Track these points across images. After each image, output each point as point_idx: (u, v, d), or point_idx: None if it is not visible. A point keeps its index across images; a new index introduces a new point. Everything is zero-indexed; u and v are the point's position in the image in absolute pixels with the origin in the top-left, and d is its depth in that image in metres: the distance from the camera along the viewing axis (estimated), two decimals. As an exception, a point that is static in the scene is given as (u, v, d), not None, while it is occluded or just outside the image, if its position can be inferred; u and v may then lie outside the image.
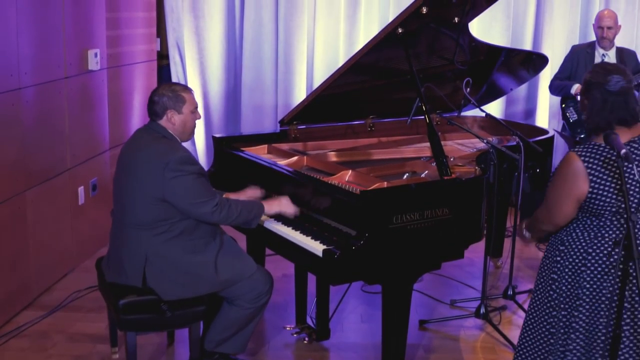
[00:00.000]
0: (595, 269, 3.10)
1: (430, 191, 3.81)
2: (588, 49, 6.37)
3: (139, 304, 3.83)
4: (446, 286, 5.63)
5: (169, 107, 3.86)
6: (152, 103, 3.89)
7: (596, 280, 3.10)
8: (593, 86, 3.09)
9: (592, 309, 3.13)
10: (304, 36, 7.24)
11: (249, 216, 3.93)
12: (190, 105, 3.93)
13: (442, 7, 4.28)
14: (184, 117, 3.91)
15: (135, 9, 6.59)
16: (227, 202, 3.87)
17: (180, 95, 3.90)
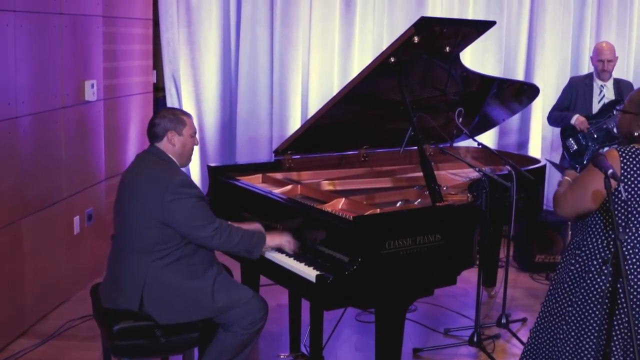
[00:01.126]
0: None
1: (423, 217, 3.86)
2: (586, 80, 6.44)
3: (134, 329, 3.83)
4: (440, 316, 5.65)
5: (170, 128, 3.92)
6: (153, 125, 3.95)
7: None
8: None
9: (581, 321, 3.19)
10: (298, 69, 7.32)
11: (250, 243, 3.94)
12: (190, 129, 3.99)
13: (433, 37, 4.33)
14: (184, 139, 3.97)
15: (132, 42, 6.66)
16: (228, 227, 3.90)
17: (181, 118, 3.97)
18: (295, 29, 7.26)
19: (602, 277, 3.14)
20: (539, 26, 7.50)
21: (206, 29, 7.28)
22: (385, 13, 7.35)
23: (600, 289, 3.15)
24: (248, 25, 7.28)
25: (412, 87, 4.75)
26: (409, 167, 5.28)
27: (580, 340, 3.22)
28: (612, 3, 7.52)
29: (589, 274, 3.20)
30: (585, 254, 3.27)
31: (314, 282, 3.63)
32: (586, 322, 3.19)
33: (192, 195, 3.82)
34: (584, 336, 3.20)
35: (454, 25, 4.53)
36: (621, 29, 7.53)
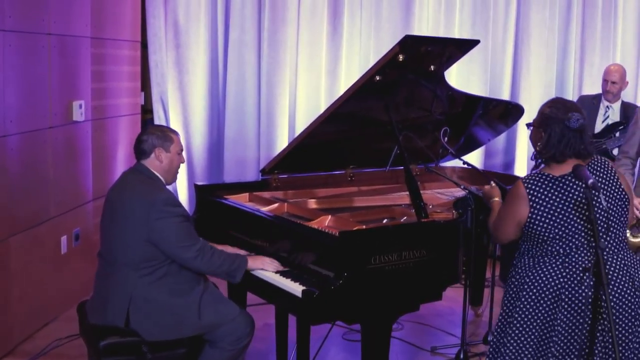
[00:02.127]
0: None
1: (408, 233, 3.89)
2: (594, 100, 6.51)
3: (120, 345, 3.85)
4: (427, 334, 5.67)
5: (157, 145, 3.96)
6: (140, 142, 3.99)
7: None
8: (553, 121, 3.27)
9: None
10: (286, 91, 7.37)
11: (231, 267, 3.96)
12: (177, 147, 4.03)
13: (418, 55, 4.37)
14: (171, 156, 4.00)
15: (120, 63, 6.70)
16: (211, 250, 3.92)
17: (169, 135, 4.02)
18: (283, 51, 7.32)
19: (583, 286, 3.17)
20: (523, 49, 7.60)
21: (194, 52, 7.32)
22: (371, 35, 7.42)
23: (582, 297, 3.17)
24: (236, 48, 7.33)
25: (398, 107, 4.77)
26: (395, 187, 5.31)
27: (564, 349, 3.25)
28: (596, 26, 7.61)
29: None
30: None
31: (300, 297, 3.65)
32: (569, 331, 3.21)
33: (177, 215, 3.85)
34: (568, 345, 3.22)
35: (438, 43, 4.58)
36: (605, 51, 7.62)
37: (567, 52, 7.69)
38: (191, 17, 7.26)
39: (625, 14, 7.73)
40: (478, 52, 7.39)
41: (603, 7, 7.64)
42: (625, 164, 4.77)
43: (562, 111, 3.27)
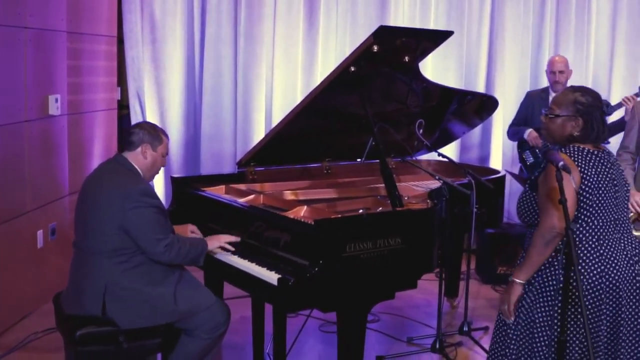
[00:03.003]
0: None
1: (383, 221, 3.93)
2: (542, 94, 6.58)
3: (96, 334, 3.85)
4: (403, 325, 5.71)
5: (147, 141, 3.99)
6: (131, 133, 4.02)
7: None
8: (594, 108, 3.36)
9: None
10: (262, 86, 7.39)
11: (195, 253, 4.00)
12: (163, 149, 4.08)
13: (392, 46, 4.40)
14: (157, 156, 4.04)
15: (96, 58, 6.69)
16: (178, 243, 3.94)
17: (160, 136, 4.07)
18: (259, 46, 7.34)
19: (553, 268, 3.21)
20: (498, 44, 7.66)
21: (171, 47, 7.32)
22: (347, 31, 7.46)
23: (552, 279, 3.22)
24: (212, 43, 7.34)
25: (373, 100, 4.80)
26: (371, 179, 5.35)
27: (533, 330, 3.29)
28: (570, 21, 7.69)
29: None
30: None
31: (275, 285, 3.68)
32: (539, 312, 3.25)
33: (152, 205, 3.87)
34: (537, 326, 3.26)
35: (412, 34, 4.61)
36: (579, 45, 7.70)
37: (541, 47, 7.76)
38: (167, 13, 7.26)
39: (599, 9, 7.81)
40: (453, 47, 7.47)
41: (577, 3, 7.72)
42: (626, 159, 4.82)
43: (597, 99, 3.39)
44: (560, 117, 3.38)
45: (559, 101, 3.41)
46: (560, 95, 3.46)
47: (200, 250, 4.02)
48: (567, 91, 3.46)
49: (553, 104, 3.44)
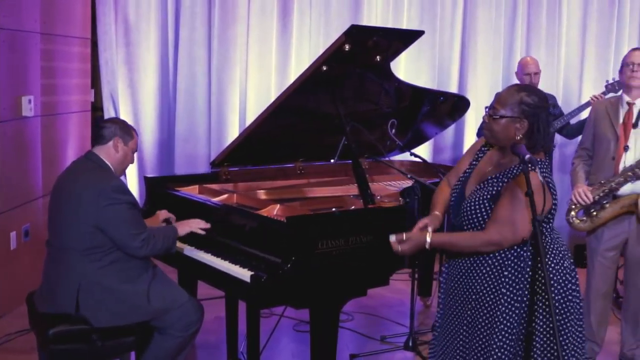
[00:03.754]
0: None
1: (355, 218, 3.96)
2: None
3: (70, 333, 3.86)
4: (377, 324, 5.75)
5: (119, 135, 4.02)
6: (102, 127, 4.05)
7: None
8: (540, 109, 3.21)
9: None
10: (236, 88, 7.41)
11: (168, 242, 4.05)
12: (134, 145, 4.12)
13: (364, 45, 4.43)
14: (127, 150, 4.07)
15: (70, 60, 6.70)
16: (153, 237, 3.97)
17: (130, 131, 4.11)
18: (233, 49, 7.37)
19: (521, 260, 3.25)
20: (470, 46, 7.73)
21: (144, 50, 7.34)
22: (321, 33, 7.50)
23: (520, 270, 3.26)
24: (186, 45, 7.36)
25: (345, 100, 4.82)
26: (345, 179, 5.39)
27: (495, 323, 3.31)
28: (541, 24, 7.78)
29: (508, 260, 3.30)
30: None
31: (248, 282, 3.71)
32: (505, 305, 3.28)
33: (126, 202, 3.89)
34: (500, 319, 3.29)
35: (383, 33, 4.63)
36: (550, 48, 7.79)
37: (513, 49, 7.85)
38: (141, 15, 7.28)
39: (570, 12, 7.91)
40: (426, 49, 7.54)
41: (548, 6, 7.81)
42: (580, 155, 4.89)
43: (543, 99, 3.25)
44: (504, 117, 3.21)
45: (504, 101, 3.23)
46: (504, 94, 3.28)
47: (172, 238, 4.08)
48: (513, 90, 3.27)
49: (497, 104, 3.25)
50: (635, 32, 8.14)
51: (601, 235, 4.80)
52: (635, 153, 4.68)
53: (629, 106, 4.74)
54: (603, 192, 4.67)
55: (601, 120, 4.80)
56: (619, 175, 4.65)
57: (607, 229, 4.78)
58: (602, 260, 4.83)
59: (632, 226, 4.75)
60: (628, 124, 4.71)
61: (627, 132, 4.70)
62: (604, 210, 4.71)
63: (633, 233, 4.76)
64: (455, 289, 3.43)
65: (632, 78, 4.71)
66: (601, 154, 4.76)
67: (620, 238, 4.79)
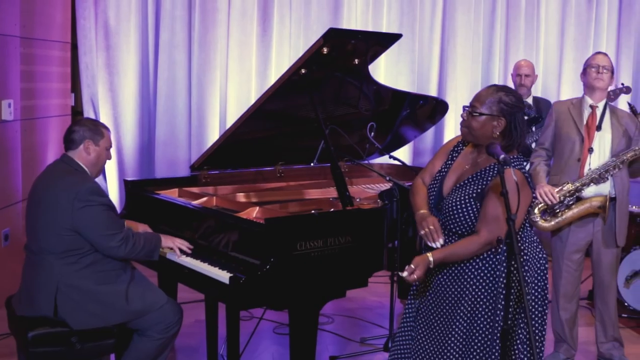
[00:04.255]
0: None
1: (333, 220, 3.99)
2: None
3: (49, 336, 3.86)
4: (357, 327, 5.77)
5: (88, 137, 4.01)
6: (71, 132, 4.03)
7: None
8: (517, 109, 3.32)
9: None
10: (216, 91, 7.44)
11: (150, 247, 4.05)
12: (106, 142, 4.09)
13: (342, 48, 4.47)
14: (100, 150, 4.05)
15: (50, 64, 6.69)
16: (133, 237, 3.97)
17: (100, 130, 4.08)
18: (213, 53, 7.39)
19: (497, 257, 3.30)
20: (449, 50, 7.79)
21: (125, 53, 7.34)
22: (301, 37, 7.53)
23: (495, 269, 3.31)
24: (166, 49, 7.37)
25: (324, 103, 4.86)
26: (324, 182, 5.41)
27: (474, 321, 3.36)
28: (519, 27, 7.86)
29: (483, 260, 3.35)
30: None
31: (227, 283, 3.72)
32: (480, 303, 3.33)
33: (101, 203, 3.90)
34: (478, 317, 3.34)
35: (361, 36, 4.66)
36: (528, 51, 7.86)
37: (491, 53, 7.92)
38: (121, 19, 7.28)
39: (548, 17, 8.00)
40: (405, 53, 7.58)
41: (526, 10, 7.89)
42: (540, 155, 4.94)
43: (520, 100, 3.36)
44: (483, 115, 3.31)
45: (483, 99, 3.33)
46: (484, 92, 3.38)
47: (154, 244, 4.07)
48: (492, 90, 3.37)
49: (476, 101, 3.36)
50: (612, 36, 8.24)
51: (566, 239, 4.85)
52: (600, 155, 4.75)
53: (592, 109, 4.80)
54: (569, 193, 4.72)
55: (564, 121, 4.85)
56: (585, 177, 4.70)
57: (571, 232, 4.84)
58: (569, 264, 4.88)
59: (597, 228, 4.81)
60: (592, 126, 4.78)
61: (591, 134, 4.77)
62: (569, 211, 4.75)
63: (598, 235, 4.82)
64: (440, 294, 3.47)
65: (597, 80, 4.76)
66: (565, 155, 4.81)
67: (585, 240, 4.85)
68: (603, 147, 4.77)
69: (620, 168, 4.71)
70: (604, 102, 4.83)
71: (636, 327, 5.83)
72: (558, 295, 4.96)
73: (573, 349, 5.04)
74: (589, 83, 4.82)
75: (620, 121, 4.81)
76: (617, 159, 4.70)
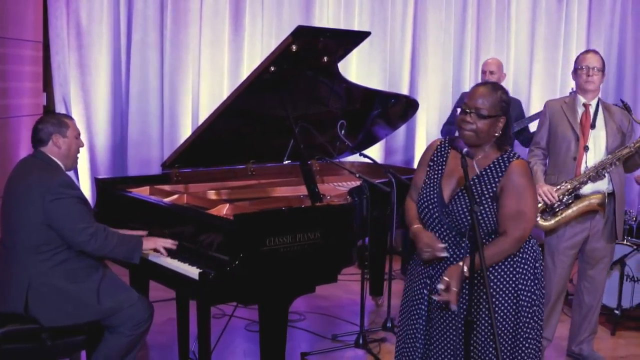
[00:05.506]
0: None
1: (302, 216, 4.03)
2: None
3: (19, 333, 3.87)
4: (329, 324, 5.80)
5: (54, 132, 4.01)
6: (37, 131, 4.04)
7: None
8: (510, 105, 3.40)
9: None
10: (188, 91, 7.45)
11: (127, 248, 4.03)
12: (73, 131, 4.09)
13: (311, 46, 4.49)
14: (69, 141, 4.05)
15: (21, 63, 6.67)
16: (105, 232, 3.97)
17: (63, 121, 4.08)
18: (185, 52, 7.40)
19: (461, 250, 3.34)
20: (421, 49, 7.84)
21: (97, 53, 7.33)
22: (273, 36, 7.55)
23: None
24: (138, 48, 7.37)
25: (295, 102, 4.87)
26: (295, 180, 5.43)
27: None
28: (490, 27, 7.93)
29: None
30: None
31: (197, 279, 3.75)
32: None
33: (72, 196, 3.91)
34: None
35: (330, 34, 4.69)
36: (499, 51, 7.92)
37: (463, 52, 7.98)
38: (94, 18, 7.27)
39: (518, 16, 8.07)
40: (377, 52, 7.63)
41: (497, 9, 7.95)
42: (536, 155, 4.97)
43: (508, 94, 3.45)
44: (491, 117, 3.32)
45: (487, 101, 3.32)
46: (486, 93, 3.35)
47: (132, 246, 4.05)
48: (490, 89, 3.38)
49: (481, 104, 3.32)
50: (582, 35, 8.32)
51: (562, 234, 4.88)
52: (595, 153, 4.80)
53: (585, 107, 4.85)
54: (567, 192, 4.77)
55: (559, 120, 4.89)
56: (583, 175, 4.75)
57: (568, 227, 4.87)
58: (564, 259, 4.92)
59: (594, 224, 4.86)
60: (586, 124, 4.82)
61: (585, 133, 4.81)
62: (569, 209, 4.80)
63: (594, 230, 4.86)
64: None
65: (588, 82, 4.81)
66: (561, 154, 4.85)
67: (582, 236, 4.89)
68: (598, 144, 4.81)
69: (616, 165, 4.77)
70: (597, 100, 4.87)
71: (606, 322, 5.89)
72: (549, 291, 4.98)
73: (546, 342, 5.08)
74: (580, 85, 4.87)
75: (614, 118, 4.86)
76: (613, 156, 4.76)
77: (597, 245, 4.92)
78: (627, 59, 8.48)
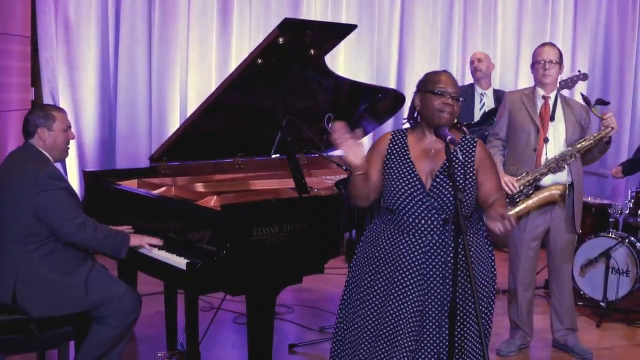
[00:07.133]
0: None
1: (290, 206, 4.05)
2: (468, 89, 6.77)
3: (7, 323, 3.88)
4: (317, 316, 5.83)
5: (40, 124, 4.02)
6: (26, 123, 4.06)
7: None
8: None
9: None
10: (176, 86, 7.48)
11: (115, 241, 4.04)
12: (61, 123, 4.09)
13: (297, 38, 4.49)
14: (55, 134, 4.06)
15: (9, 58, 6.68)
16: (93, 224, 3.99)
17: (51, 114, 4.08)
18: (173, 48, 7.43)
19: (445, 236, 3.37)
20: (408, 44, 7.89)
21: (85, 48, 7.35)
22: (260, 32, 7.56)
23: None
24: (126, 44, 7.39)
25: (282, 95, 4.88)
26: (283, 173, 5.44)
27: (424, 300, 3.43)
28: (477, 22, 8.00)
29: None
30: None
31: (184, 269, 3.77)
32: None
33: (60, 188, 3.93)
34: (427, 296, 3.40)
35: (316, 27, 4.72)
36: (486, 46, 7.99)
37: (450, 47, 8.04)
38: (82, 14, 7.29)
39: (505, 11, 8.13)
40: (365, 47, 7.67)
41: (483, 5, 8.00)
42: (496, 145, 5.02)
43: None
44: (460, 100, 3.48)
45: (457, 86, 3.47)
46: (454, 79, 3.50)
47: (120, 240, 4.06)
48: (452, 75, 3.54)
49: (456, 89, 3.44)
50: (568, 31, 8.38)
51: (524, 226, 4.95)
52: (555, 145, 4.86)
53: (544, 99, 4.91)
54: (528, 183, 4.83)
55: (518, 111, 4.95)
56: (543, 167, 4.81)
57: (530, 219, 4.94)
58: (528, 252, 4.99)
59: (554, 215, 4.93)
60: (545, 116, 4.89)
61: (545, 125, 4.87)
62: (529, 199, 4.86)
63: (555, 221, 4.94)
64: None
65: (545, 76, 4.88)
66: (521, 146, 4.91)
67: (542, 227, 4.97)
68: (558, 136, 4.88)
69: (576, 157, 4.83)
70: (555, 93, 4.93)
71: (591, 314, 5.95)
72: (516, 283, 5.05)
73: (529, 336, 5.15)
74: (537, 79, 4.94)
75: (573, 111, 4.92)
76: (573, 148, 4.82)
77: (558, 237, 4.99)
78: (612, 55, 8.55)
